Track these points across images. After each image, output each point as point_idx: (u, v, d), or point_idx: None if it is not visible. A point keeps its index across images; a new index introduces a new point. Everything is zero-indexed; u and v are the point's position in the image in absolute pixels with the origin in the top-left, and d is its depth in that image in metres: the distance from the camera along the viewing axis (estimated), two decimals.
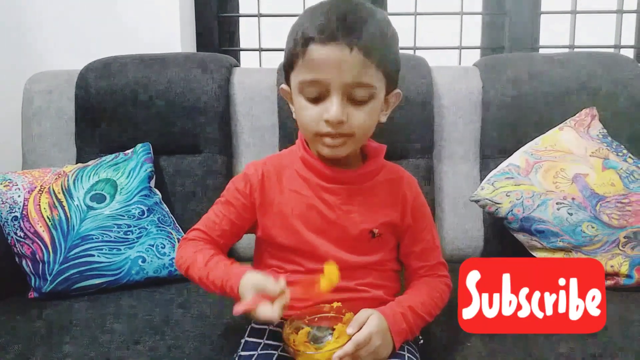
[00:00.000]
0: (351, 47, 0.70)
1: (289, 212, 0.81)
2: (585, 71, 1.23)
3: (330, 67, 0.71)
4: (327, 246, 0.81)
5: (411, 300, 0.80)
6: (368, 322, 0.72)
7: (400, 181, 0.86)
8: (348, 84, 0.72)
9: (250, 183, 0.83)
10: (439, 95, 1.27)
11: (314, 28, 0.72)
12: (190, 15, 1.59)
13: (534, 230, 1.08)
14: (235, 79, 1.30)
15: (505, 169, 1.14)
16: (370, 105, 0.75)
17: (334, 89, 0.72)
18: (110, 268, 1.04)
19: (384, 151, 0.85)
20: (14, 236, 1.05)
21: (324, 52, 0.71)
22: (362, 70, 0.72)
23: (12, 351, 0.83)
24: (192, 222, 1.17)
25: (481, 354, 0.82)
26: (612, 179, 1.09)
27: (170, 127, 1.25)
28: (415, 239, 0.85)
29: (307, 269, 0.80)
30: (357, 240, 0.81)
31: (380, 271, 0.84)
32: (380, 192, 0.84)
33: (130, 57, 1.30)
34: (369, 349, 0.70)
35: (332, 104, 0.72)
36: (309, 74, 0.73)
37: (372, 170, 0.84)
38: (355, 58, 0.71)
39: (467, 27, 1.63)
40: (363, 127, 0.76)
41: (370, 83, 0.73)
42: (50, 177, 1.12)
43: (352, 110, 0.74)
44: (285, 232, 0.82)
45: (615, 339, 0.84)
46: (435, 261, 0.86)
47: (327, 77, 0.72)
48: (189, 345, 0.85)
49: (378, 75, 0.74)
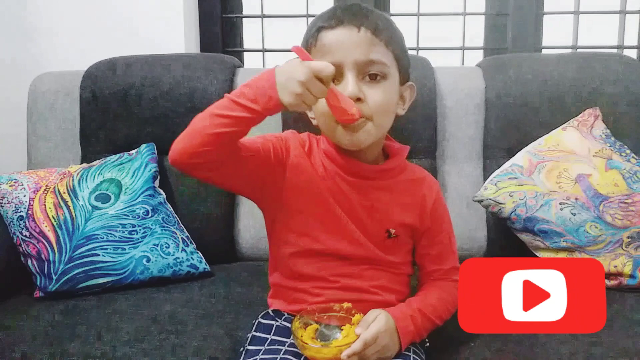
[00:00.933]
0: (358, 27, 0.75)
1: (317, 182, 0.80)
2: (588, 71, 1.23)
3: (342, 47, 0.74)
4: (350, 226, 0.81)
5: (421, 302, 0.80)
6: (376, 321, 0.72)
7: (421, 182, 0.86)
8: (360, 62, 0.74)
9: (288, 143, 0.82)
10: (442, 96, 1.27)
11: (323, 19, 0.77)
12: (194, 16, 1.60)
13: (537, 231, 1.08)
14: (239, 80, 1.30)
15: (509, 169, 1.14)
16: (385, 84, 0.77)
17: (347, 69, 0.74)
18: (115, 267, 1.05)
19: (407, 151, 0.87)
20: (20, 235, 1.06)
21: (333, 36, 0.75)
22: (372, 47, 0.75)
23: (18, 350, 0.84)
24: (196, 222, 1.20)
25: (485, 355, 0.82)
26: (616, 179, 1.09)
27: (175, 128, 1.25)
28: (433, 242, 0.86)
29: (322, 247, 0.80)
30: (374, 237, 0.82)
31: (394, 274, 0.85)
32: (399, 191, 0.84)
33: (135, 57, 1.30)
34: (376, 347, 0.71)
35: (348, 82, 0.74)
36: (322, 59, 0.73)
37: (393, 168, 0.84)
38: (364, 36, 0.75)
39: (470, 28, 1.63)
40: (381, 106, 0.76)
41: (381, 60, 0.76)
42: (55, 177, 1.13)
43: (367, 89, 0.76)
44: (313, 199, 0.80)
45: (619, 340, 0.84)
46: (450, 265, 0.86)
47: (339, 58, 0.74)
48: (194, 343, 0.86)
49: (388, 55, 0.77)
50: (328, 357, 0.70)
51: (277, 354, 0.75)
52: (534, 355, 0.81)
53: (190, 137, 0.71)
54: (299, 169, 0.81)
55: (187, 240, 1.14)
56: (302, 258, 0.81)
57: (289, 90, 0.66)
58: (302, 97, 0.67)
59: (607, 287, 1.05)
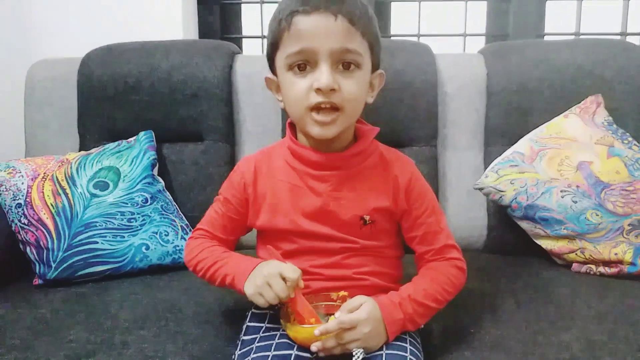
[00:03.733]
0: (335, 15, 0.72)
1: (282, 200, 0.83)
2: (590, 58, 1.22)
3: (317, 35, 0.72)
4: (322, 229, 0.81)
5: (412, 288, 0.78)
6: (360, 308, 0.72)
7: (391, 164, 0.84)
8: (335, 51, 0.73)
9: (244, 179, 0.86)
10: (443, 83, 1.26)
11: (297, 2, 0.73)
12: (192, 2, 1.58)
13: (538, 218, 1.08)
14: (238, 66, 1.29)
15: (510, 156, 1.13)
16: (359, 75, 0.76)
17: (322, 57, 0.73)
18: (114, 255, 1.05)
19: (376, 132, 0.84)
20: (18, 223, 1.06)
21: (309, 22, 0.73)
22: (348, 36, 0.73)
23: (18, 337, 0.84)
24: (194, 209, 1.20)
25: (485, 341, 0.82)
26: (617, 167, 1.08)
27: (173, 115, 1.24)
28: (415, 224, 0.84)
29: (304, 247, 0.82)
30: (349, 227, 0.81)
31: (379, 258, 0.84)
32: (370, 177, 0.82)
33: (133, 44, 1.29)
34: (355, 335, 0.70)
35: (322, 72, 0.73)
36: (296, 45, 0.73)
37: (360, 152, 0.82)
38: (341, 25, 0.72)
39: (471, 14, 1.62)
40: (353, 97, 0.76)
41: (356, 49, 0.74)
42: (53, 165, 1.12)
43: (341, 80, 0.74)
44: (282, 220, 0.82)
45: (619, 326, 0.84)
46: (442, 244, 0.83)
47: (314, 45, 0.73)
48: (193, 331, 0.86)
49: (363, 45, 0.76)
50: (305, 337, 0.71)
51: (273, 340, 0.75)
52: (536, 342, 0.81)
53: (195, 272, 0.85)
54: (259, 196, 0.85)
55: (187, 228, 1.14)
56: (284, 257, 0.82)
57: (251, 282, 0.74)
58: (261, 289, 0.72)
59: (607, 275, 1.05)
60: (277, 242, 0.84)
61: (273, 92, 0.85)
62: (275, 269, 0.73)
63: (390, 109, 1.19)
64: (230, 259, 0.82)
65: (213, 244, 0.86)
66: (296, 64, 0.75)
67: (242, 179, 0.86)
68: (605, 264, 1.05)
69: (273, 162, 0.86)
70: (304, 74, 0.75)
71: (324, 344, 0.70)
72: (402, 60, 1.22)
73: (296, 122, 0.81)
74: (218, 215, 0.88)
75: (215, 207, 0.89)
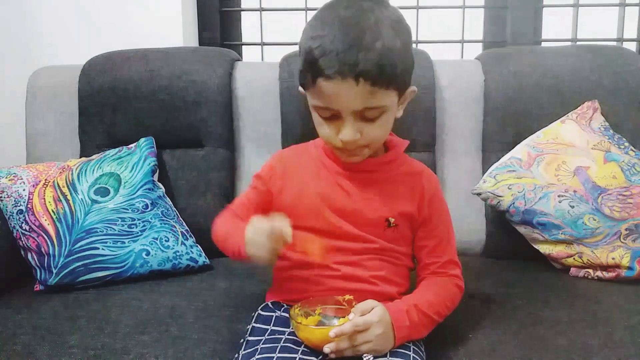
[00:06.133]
0: (357, 80, 0.71)
1: (309, 192, 0.85)
2: (587, 64, 1.23)
3: (339, 99, 0.74)
4: (347, 227, 0.83)
5: (417, 298, 0.80)
6: (372, 312, 0.73)
7: (419, 175, 0.88)
8: (358, 111, 0.75)
9: (273, 169, 0.89)
10: (441, 89, 1.27)
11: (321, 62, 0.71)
12: (193, 10, 1.60)
13: (536, 223, 1.09)
14: (238, 73, 1.30)
15: (507, 162, 1.14)
16: (383, 119, 0.78)
17: (345, 115, 0.75)
18: (115, 261, 1.05)
19: (406, 145, 0.89)
20: (20, 229, 1.06)
21: (331, 87, 0.73)
22: (370, 96, 0.73)
23: (19, 343, 0.84)
24: (195, 215, 1.21)
25: (483, 345, 0.82)
26: (614, 172, 1.09)
27: (173, 121, 1.25)
28: (430, 234, 0.86)
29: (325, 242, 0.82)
30: (373, 227, 0.83)
31: (395, 265, 0.85)
32: (398, 183, 0.86)
33: (133, 51, 1.30)
34: (368, 337, 0.71)
35: (345, 127, 0.76)
36: (320, 102, 0.76)
37: (391, 161, 0.86)
38: (363, 88, 0.72)
39: (469, 21, 1.63)
40: (377, 138, 0.81)
41: (379, 105, 0.75)
42: (54, 171, 1.13)
43: (365, 127, 0.77)
44: (307, 211, 0.84)
45: (616, 331, 0.85)
46: (447, 258, 0.86)
47: (336, 107, 0.75)
48: (194, 336, 0.86)
49: (389, 93, 0.75)
50: (319, 338, 0.72)
51: (278, 342, 0.76)
52: (533, 347, 0.81)
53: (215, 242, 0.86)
54: (287, 188, 0.86)
55: (187, 234, 1.15)
56: None
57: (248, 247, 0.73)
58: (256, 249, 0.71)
59: (604, 279, 1.06)
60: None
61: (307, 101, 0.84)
62: (250, 226, 0.73)
63: None
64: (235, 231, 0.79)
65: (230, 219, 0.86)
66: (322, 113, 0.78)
67: (271, 170, 0.89)
68: (603, 269, 1.06)
69: (305, 158, 0.89)
70: (330, 120, 0.78)
71: (337, 345, 0.71)
72: None
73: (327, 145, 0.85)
74: (247, 201, 0.90)
75: (246, 193, 0.92)
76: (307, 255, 0.75)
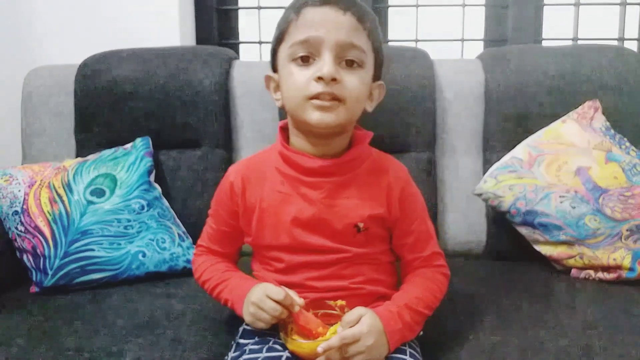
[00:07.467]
0: (344, 11, 0.74)
1: (273, 211, 0.81)
2: (588, 64, 1.22)
3: (324, 25, 0.73)
4: (315, 240, 0.80)
5: (407, 297, 0.78)
6: (361, 322, 0.71)
7: (385, 171, 0.83)
8: (341, 43, 0.73)
9: (233, 190, 0.84)
10: (441, 89, 1.26)
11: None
12: (190, 8, 1.58)
13: (537, 224, 1.08)
14: (235, 72, 1.29)
15: (508, 162, 1.13)
16: (361, 73, 0.76)
17: (327, 48, 0.73)
18: (111, 263, 1.04)
19: (370, 137, 0.83)
20: (15, 230, 1.05)
21: (318, 13, 0.74)
22: (355, 32, 0.74)
23: (15, 345, 0.83)
24: (191, 216, 1.20)
25: (484, 347, 0.81)
26: (615, 172, 1.08)
27: (170, 121, 1.24)
28: (407, 231, 0.83)
29: (298, 262, 0.80)
30: (342, 235, 0.80)
31: (376, 265, 0.83)
32: (364, 184, 0.81)
33: (129, 50, 1.29)
34: (359, 348, 0.70)
35: (325, 62, 0.73)
36: (302, 34, 0.74)
37: (355, 158, 0.81)
38: (349, 20, 0.74)
39: (469, 20, 1.62)
40: (355, 92, 0.75)
41: (362, 46, 0.75)
42: (50, 172, 1.12)
43: (344, 74, 0.74)
44: (273, 232, 0.81)
45: (617, 332, 0.84)
46: (430, 251, 0.83)
47: (320, 35, 0.73)
48: (190, 338, 0.85)
49: (368, 44, 0.77)
50: (307, 352, 0.70)
51: (267, 343, 0.75)
52: (534, 348, 0.80)
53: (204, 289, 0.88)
54: (248, 207, 0.83)
55: (184, 235, 1.14)
56: (275, 273, 0.82)
57: (246, 311, 0.76)
58: (256, 315, 0.74)
59: (606, 280, 1.05)
60: (269, 256, 0.83)
61: (271, 92, 0.83)
62: (261, 292, 0.74)
63: (389, 115, 1.18)
64: (230, 281, 0.83)
65: (215, 261, 0.87)
66: (299, 56, 0.75)
67: (230, 191, 0.85)
68: (604, 270, 1.05)
69: (262, 169, 0.84)
70: (306, 66, 0.74)
71: (327, 357, 0.69)
72: (400, 66, 1.22)
73: (293, 112, 0.78)
74: (213, 231, 0.88)
75: (209, 223, 0.90)
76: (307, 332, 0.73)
